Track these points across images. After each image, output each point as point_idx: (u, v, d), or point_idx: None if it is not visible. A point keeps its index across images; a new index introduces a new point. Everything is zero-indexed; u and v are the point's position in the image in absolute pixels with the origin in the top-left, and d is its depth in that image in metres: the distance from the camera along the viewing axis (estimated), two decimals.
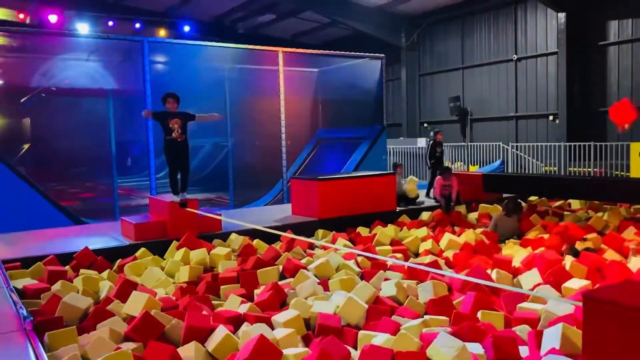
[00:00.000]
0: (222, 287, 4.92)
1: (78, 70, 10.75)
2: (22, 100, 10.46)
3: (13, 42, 9.38)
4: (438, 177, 9.39)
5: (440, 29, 20.31)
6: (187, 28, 19.65)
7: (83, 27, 18.04)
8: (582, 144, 14.14)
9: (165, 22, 19.88)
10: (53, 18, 17.10)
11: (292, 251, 6.05)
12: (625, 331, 2.09)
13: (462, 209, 8.71)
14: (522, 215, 7.84)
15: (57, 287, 4.73)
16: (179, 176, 7.01)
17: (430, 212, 8.39)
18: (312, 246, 6.37)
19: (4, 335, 3.25)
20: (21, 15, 18.17)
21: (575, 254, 5.61)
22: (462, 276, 4.53)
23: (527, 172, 15.16)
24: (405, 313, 4.12)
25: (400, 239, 6.85)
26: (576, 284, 4.53)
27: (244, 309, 4.16)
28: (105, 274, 5.39)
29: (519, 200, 7.84)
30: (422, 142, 17.60)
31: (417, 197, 9.40)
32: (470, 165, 16.35)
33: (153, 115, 6.87)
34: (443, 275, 4.77)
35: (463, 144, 17.22)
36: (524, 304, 4.12)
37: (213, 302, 4.57)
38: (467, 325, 3.62)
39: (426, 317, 3.99)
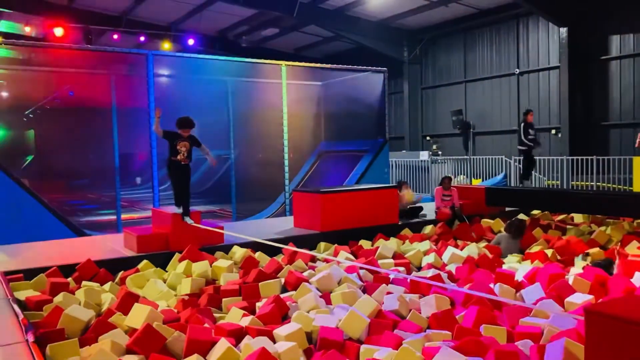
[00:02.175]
0: (224, 299, 4.92)
1: (82, 83, 10.84)
2: (26, 112, 10.54)
3: (19, 55, 9.48)
4: (438, 186, 9.37)
5: (443, 43, 20.43)
6: (191, 41, 19.79)
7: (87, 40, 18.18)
8: (584, 158, 14.12)
9: (170, 35, 20.03)
10: (58, 31, 17.24)
11: (294, 264, 6.04)
12: (627, 345, 2.08)
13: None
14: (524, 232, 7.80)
15: (59, 299, 4.73)
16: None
17: (433, 226, 8.38)
18: (314, 259, 6.36)
19: (6, 347, 3.24)
20: (27, 29, 18.35)
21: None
22: (464, 290, 4.52)
23: (529, 185, 15.12)
24: (408, 327, 4.10)
25: (402, 252, 6.84)
26: (579, 298, 4.52)
27: (245, 322, 4.15)
28: (107, 286, 5.39)
29: (523, 221, 7.74)
30: (424, 155, 17.59)
31: (420, 209, 9.32)
32: (472, 178, 16.33)
33: (164, 134, 6.76)
34: (446, 289, 4.76)
35: (466, 157, 17.22)
36: (527, 319, 4.11)
37: (215, 314, 4.57)
38: (470, 339, 3.61)
39: (429, 331, 3.98)
